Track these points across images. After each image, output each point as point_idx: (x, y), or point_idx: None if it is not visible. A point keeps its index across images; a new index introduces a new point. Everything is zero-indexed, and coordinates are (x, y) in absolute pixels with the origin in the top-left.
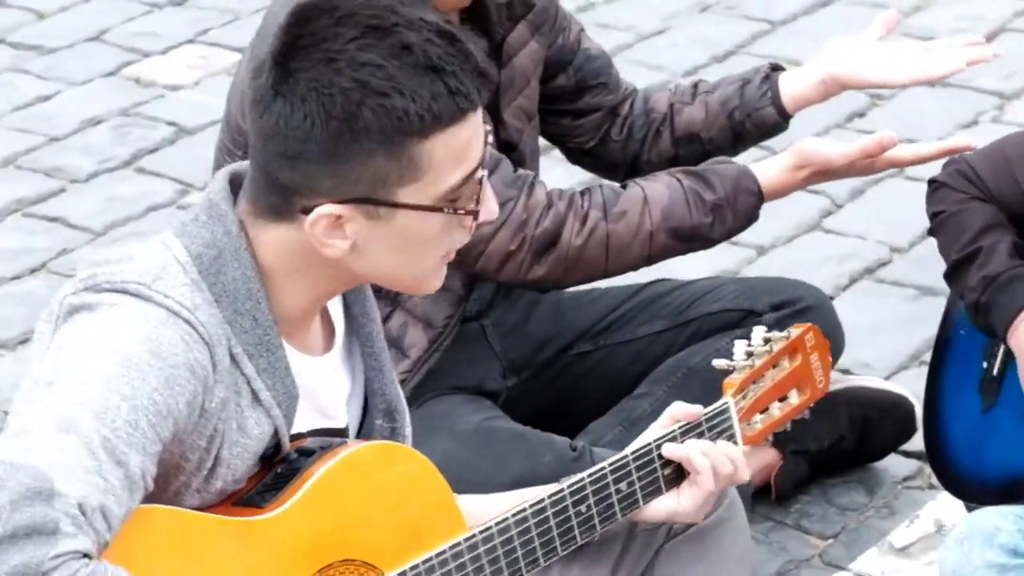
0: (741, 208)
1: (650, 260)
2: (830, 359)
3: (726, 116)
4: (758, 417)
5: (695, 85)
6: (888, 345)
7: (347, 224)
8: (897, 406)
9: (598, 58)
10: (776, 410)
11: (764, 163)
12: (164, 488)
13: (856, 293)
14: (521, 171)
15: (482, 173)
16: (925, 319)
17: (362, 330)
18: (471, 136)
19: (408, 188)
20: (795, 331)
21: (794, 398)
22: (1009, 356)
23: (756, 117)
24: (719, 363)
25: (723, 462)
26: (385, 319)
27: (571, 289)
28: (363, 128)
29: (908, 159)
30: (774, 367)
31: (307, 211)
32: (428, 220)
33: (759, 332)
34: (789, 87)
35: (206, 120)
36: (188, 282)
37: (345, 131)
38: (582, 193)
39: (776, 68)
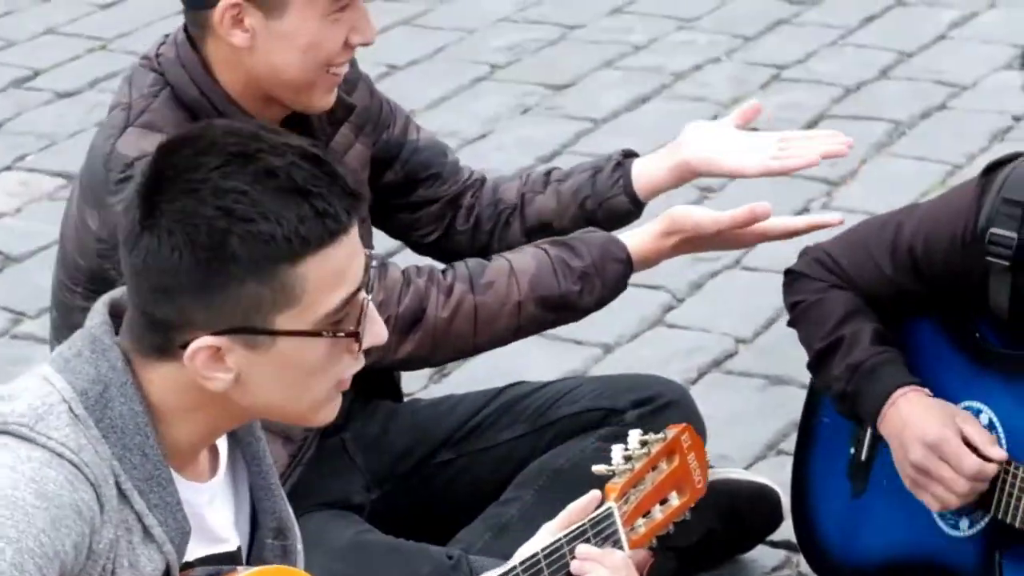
0: (610, 276)
1: (519, 332)
2: (706, 458)
3: (578, 205)
4: (641, 521)
5: (547, 173)
6: (743, 436)
7: (227, 356)
8: (763, 496)
9: (427, 149)
10: (658, 513)
11: (633, 231)
12: None
13: (706, 386)
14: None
15: (364, 296)
16: (776, 408)
17: (248, 449)
18: (347, 258)
19: (285, 314)
20: (671, 432)
21: (674, 500)
22: (877, 441)
23: (608, 206)
24: (598, 469)
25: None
26: None
27: (428, 398)
28: (231, 256)
29: (778, 231)
30: (653, 469)
31: (186, 346)
32: (310, 346)
33: (635, 435)
34: (641, 175)
35: (33, 247)
36: (72, 421)
37: (214, 260)
38: (444, 269)
39: (629, 155)
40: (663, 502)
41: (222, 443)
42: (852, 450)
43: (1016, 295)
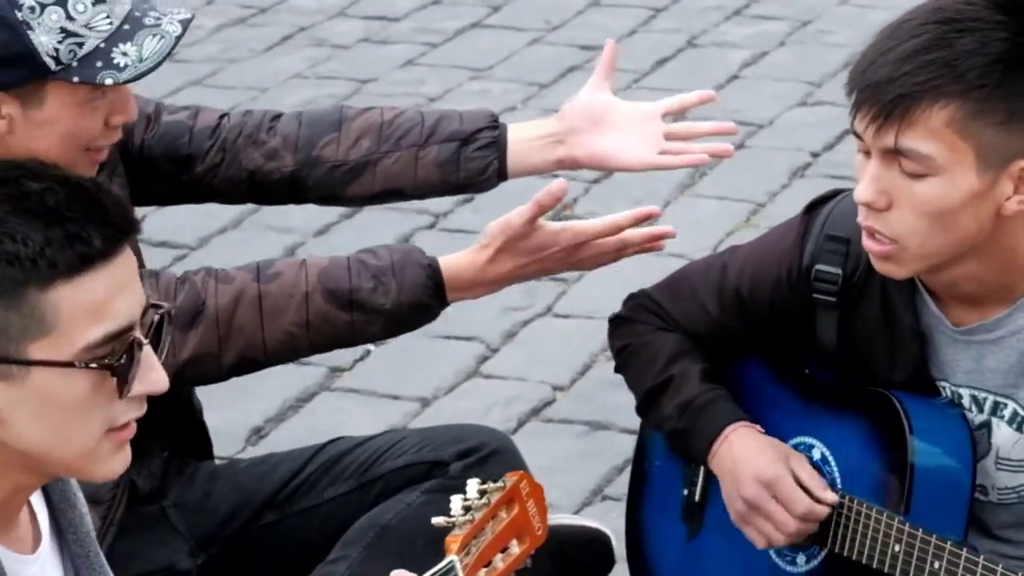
0: (408, 279)
1: (312, 331)
2: (545, 504)
3: (441, 179)
4: (483, 572)
5: (385, 126)
6: (568, 484)
7: None
8: (594, 540)
9: (160, 142)
10: (499, 562)
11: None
12: None
13: (526, 435)
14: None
15: (136, 336)
16: (598, 453)
17: (63, 517)
18: (107, 291)
19: (38, 343)
20: (509, 480)
21: (515, 548)
22: (710, 482)
23: (478, 185)
24: (438, 521)
25: None
26: None
27: (248, 458)
28: None
29: (597, 229)
30: (493, 519)
31: None
32: (68, 380)
33: (473, 485)
34: (521, 161)
35: None
36: None
37: None
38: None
39: (494, 123)
40: (504, 551)
41: (42, 512)
42: (685, 492)
43: (843, 330)
